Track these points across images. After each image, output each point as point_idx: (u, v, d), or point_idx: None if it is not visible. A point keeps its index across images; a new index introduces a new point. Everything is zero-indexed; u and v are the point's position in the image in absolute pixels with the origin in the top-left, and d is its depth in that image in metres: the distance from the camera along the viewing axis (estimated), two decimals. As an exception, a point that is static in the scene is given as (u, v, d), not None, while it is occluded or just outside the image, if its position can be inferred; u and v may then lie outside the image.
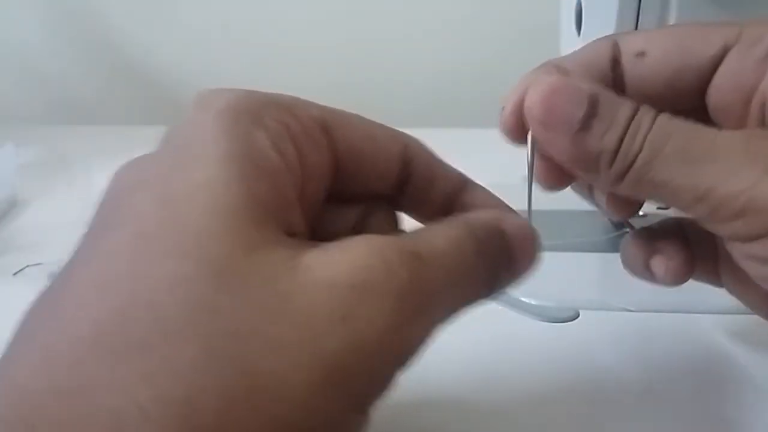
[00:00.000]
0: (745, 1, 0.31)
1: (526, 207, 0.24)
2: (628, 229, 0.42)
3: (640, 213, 0.42)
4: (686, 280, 0.25)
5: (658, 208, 0.38)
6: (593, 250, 0.40)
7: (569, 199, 0.26)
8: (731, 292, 0.26)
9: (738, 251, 0.22)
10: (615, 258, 0.40)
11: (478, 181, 0.24)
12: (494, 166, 0.61)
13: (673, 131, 0.20)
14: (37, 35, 0.78)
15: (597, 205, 0.26)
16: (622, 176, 0.21)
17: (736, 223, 0.20)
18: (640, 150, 0.20)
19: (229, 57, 0.78)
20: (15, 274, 0.39)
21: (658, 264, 0.25)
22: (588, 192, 0.26)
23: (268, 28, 0.76)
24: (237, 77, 0.79)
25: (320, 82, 0.79)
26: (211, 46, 0.78)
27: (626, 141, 0.20)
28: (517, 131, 0.23)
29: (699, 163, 0.20)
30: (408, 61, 0.77)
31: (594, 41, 0.24)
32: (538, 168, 0.24)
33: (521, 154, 0.23)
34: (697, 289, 0.35)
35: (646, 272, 0.26)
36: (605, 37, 0.24)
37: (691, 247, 0.25)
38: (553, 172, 0.23)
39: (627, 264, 0.26)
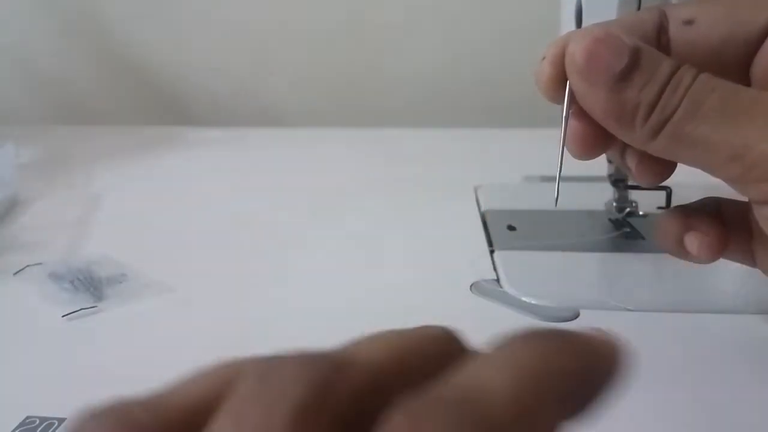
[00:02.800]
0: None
1: (527, 207, 0.24)
2: (627, 229, 0.42)
3: (641, 213, 0.42)
4: (719, 257, 0.25)
5: (658, 207, 0.38)
6: (593, 250, 0.40)
7: (569, 199, 0.26)
8: (766, 272, 0.25)
9: (766, 216, 0.21)
10: (615, 258, 0.40)
11: (479, 181, 0.24)
12: (494, 166, 0.62)
13: (715, 88, 0.20)
14: (38, 36, 0.78)
15: (627, 170, 0.25)
16: (657, 131, 0.21)
17: None
18: (679, 104, 0.20)
19: (229, 57, 0.78)
20: (15, 273, 0.39)
21: (692, 240, 0.25)
22: (620, 156, 0.25)
23: (269, 29, 0.76)
24: (237, 77, 0.79)
25: (321, 82, 0.79)
26: (211, 47, 0.78)
27: (666, 94, 0.20)
28: (555, 83, 0.23)
29: (738, 120, 0.20)
30: (408, 62, 0.77)
31: (640, 10, 0.24)
32: (570, 134, 0.23)
33: (521, 155, 0.23)
34: (697, 289, 0.36)
35: (679, 249, 0.25)
36: (652, 7, 0.24)
37: (726, 225, 0.25)
38: (586, 135, 0.23)
39: (661, 240, 0.26)
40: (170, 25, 0.77)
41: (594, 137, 0.23)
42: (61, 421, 0.27)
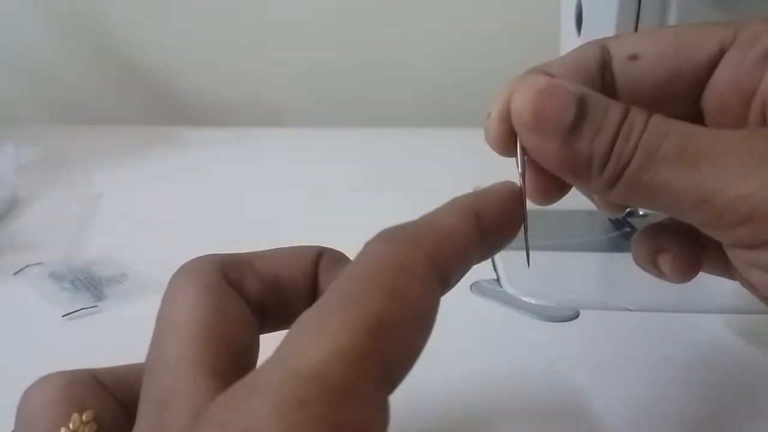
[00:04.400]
0: (746, 1, 0.31)
1: (527, 207, 0.23)
2: (627, 229, 0.42)
3: (641, 212, 0.42)
4: (693, 277, 0.24)
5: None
6: (593, 250, 0.40)
7: (569, 199, 0.26)
8: (744, 285, 0.25)
9: (741, 259, 0.21)
10: (615, 258, 0.40)
11: (479, 181, 0.24)
12: (494, 166, 0.62)
13: (669, 131, 0.19)
14: (38, 35, 0.78)
15: (593, 200, 0.25)
16: (614, 181, 0.20)
17: (741, 230, 0.19)
18: (634, 152, 0.19)
19: (229, 57, 0.78)
20: (15, 273, 0.39)
21: (665, 262, 0.24)
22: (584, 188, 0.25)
23: (268, 28, 0.76)
24: (236, 77, 0.79)
25: (321, 82, 0.79)
26: (211, 46, 0.78)
27: (618, 143, 0.19)
28: (505, 139, 0.22)
29: (699, 164, 0.19)
30: (408, 62, 0.77)
31: (581, 46, 0.23)
32: (528, 185, 0.23)
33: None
34: (697, 289, 0.35)
35: (654, 269, 0.25)
36: (593, 41, 0.23)
37: (700, 241, 0.24)
38: (544, 184, 0.22)
39: (636, 261, 0.26)
40: (170, 25, 0.77)
41: (553, 185, 0.22)
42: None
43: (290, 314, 0.20)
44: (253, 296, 0.19)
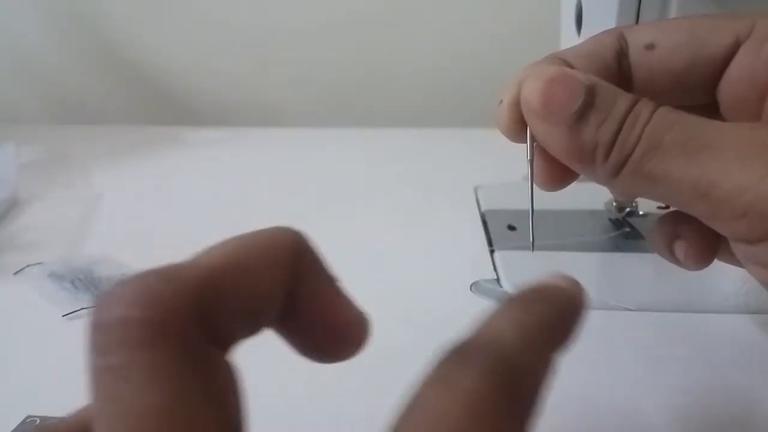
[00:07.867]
0: (744, 0, 0.31)
1: (527, 207, 0.24)
2: (627, 229, 0.42)
3: (641, 213, 0.42)
4: (707, 265, 0.24)
5: (658, 207, 0.38)
6: (593, 250, 0.40)
7: (569, 199, 0.26)
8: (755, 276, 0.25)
9: (741, 253, 0.21)
10: (615, 258, 0.40)
11: (479, 181, 0.24)
12: (494, 166, 0.62)
13: (674, 122, 0.20)
14: (38, 35, 0.78)
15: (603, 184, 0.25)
16: (618, 170, 0.20)
17: (738, 224, 0.19)
18: (638, 141, 0.20)
19: (228, 57, 0.78)
20: (15, 273, 0.39)
21: (680, 249, 0.24)
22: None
23: (267, 28, 0.76)
24: (237, 77, 0.79)
25: (321, 82, 0.79)
26: (211, 46, 0.78)
27: (623, 132, 0.20)
28: (515, 125, 0.22)
29: (701, 155, 0.19)
30: (408, 62, 0.77)
31: (599, 33, 0.23)
32: (537, 171, 0.23)
33: (521, 154, 0.23)
34: (697, 289, 0.36)
35: (670, 256, 0.25)
36: (611, 29, 0.23)
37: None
38: (551, 171, 0.23)
39: (653, 247, 0.26)
40: (170, 25, 0.77)
41: (560, 172, 0.23)
42: (61, 420, 0.27)
43: (258, 329, 0.16)
44: (230, 340, 0.15)
